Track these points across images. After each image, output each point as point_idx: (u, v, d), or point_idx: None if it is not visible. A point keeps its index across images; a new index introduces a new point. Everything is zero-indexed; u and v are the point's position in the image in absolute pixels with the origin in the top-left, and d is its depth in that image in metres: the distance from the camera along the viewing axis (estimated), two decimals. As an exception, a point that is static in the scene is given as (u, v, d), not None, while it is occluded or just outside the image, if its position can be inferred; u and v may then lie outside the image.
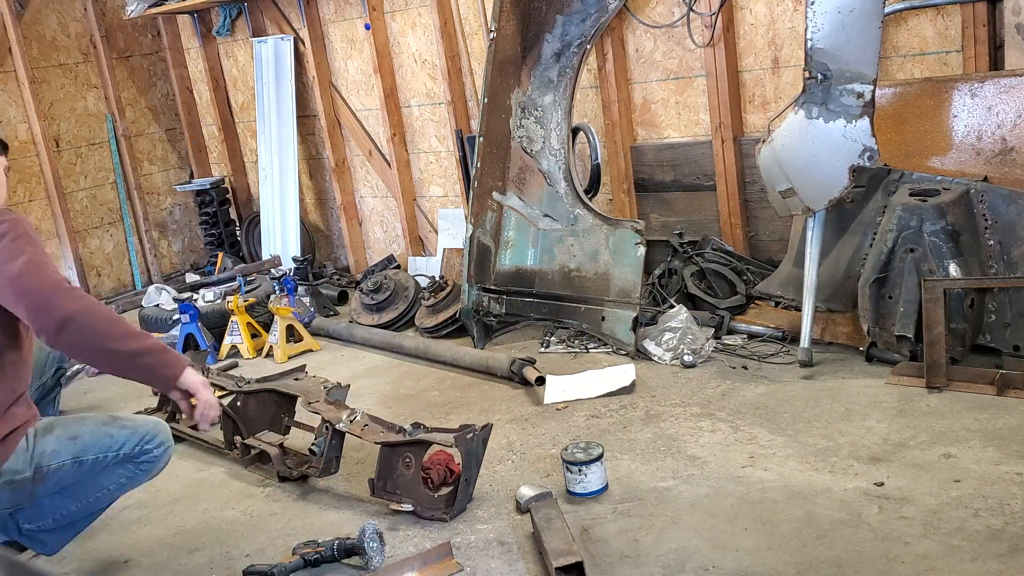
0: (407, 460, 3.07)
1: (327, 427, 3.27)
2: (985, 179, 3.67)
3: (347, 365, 4.80)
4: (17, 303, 2.56)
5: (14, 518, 2.82)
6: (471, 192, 4.61)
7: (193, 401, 2.74)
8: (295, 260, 6.03)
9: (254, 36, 6.43)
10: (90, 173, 6.75)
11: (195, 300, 5.42)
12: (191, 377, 2.69)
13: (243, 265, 6.13)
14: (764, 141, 3.81)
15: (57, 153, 6.50)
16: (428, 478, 3.11)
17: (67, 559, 3.11)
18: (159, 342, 2.71)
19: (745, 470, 3.06)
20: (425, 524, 3.00)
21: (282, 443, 3.52)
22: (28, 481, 2.70)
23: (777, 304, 4.34)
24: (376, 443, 3.13)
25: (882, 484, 2.84)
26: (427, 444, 3.06)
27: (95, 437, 2.78)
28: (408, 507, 3.06)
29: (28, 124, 6.35)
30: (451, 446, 2.98)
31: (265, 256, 6.47)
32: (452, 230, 5.76)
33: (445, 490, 3.11)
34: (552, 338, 4.60)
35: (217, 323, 5.25)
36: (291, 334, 5.07)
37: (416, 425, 3.11)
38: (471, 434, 2.95)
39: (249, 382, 3.79)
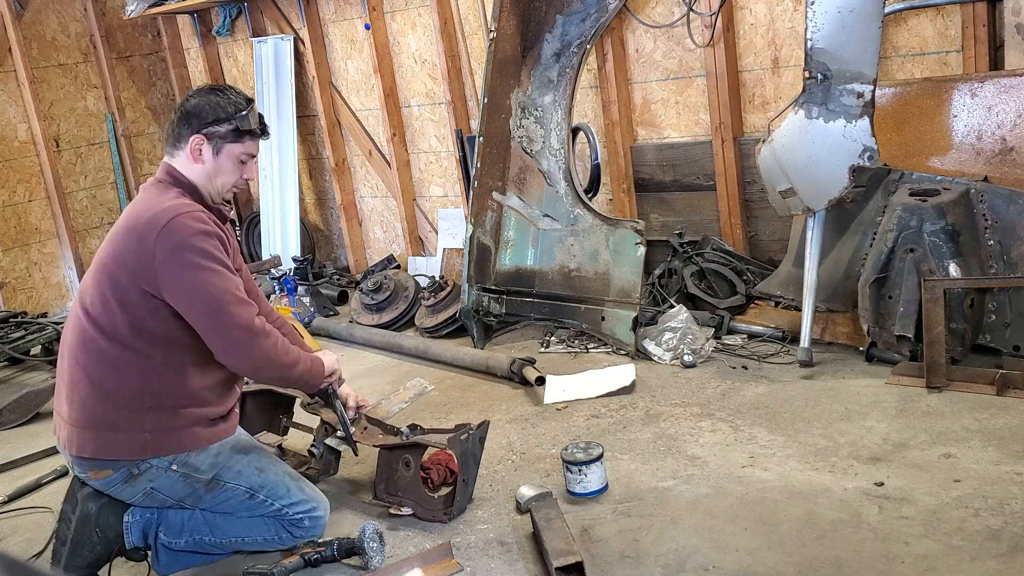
0: (406, 461, 3.07)
1: (325, 430, 3.27)
2: (985, 179, 3.67)
3: (347, 365, 4.78)
4: (212, 335, 2.71)
5: (157, 522, 2.87)
6: (471, 192, 4.61)
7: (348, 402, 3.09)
8: (295, 260, 6.02)
9: (254, 36, 6.43)
10: (90, 173, 6.75)
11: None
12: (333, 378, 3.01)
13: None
14: (764, 141, 3.81)
15: (57, 153, 6.50)
16: (428, 478, 3.11)
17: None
18: (308, 356, 2.92)
19: (745, 470, 3.06)
20: (425, 525, 3.00)
21: (280, 444, 3.51)
22: (203, 484, 2.81)
23: (777, 304, 4.34)
24: (374, 446, 3.13)
25: (882, 484, 2.84)
26: (424, 446, 3.06)
27: (277, 480, 2.89)
28: (407, 511, 3.06)
29: (28, 124, 6.35)
30: (444, 447, 2.98)
31: (265, 256, 6.47)
32: (452, 230, 5.76)
33: (445, 490, 3.11)
34: (552, 338, 4.60)
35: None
36: (291, 334, 5.06)
37: (413, 427, 3.11)
38: (465, 435, 2.94)
39: (248, 383, 3.78)
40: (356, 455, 3.22)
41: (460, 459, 2.96)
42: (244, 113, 2.88)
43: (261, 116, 2.97)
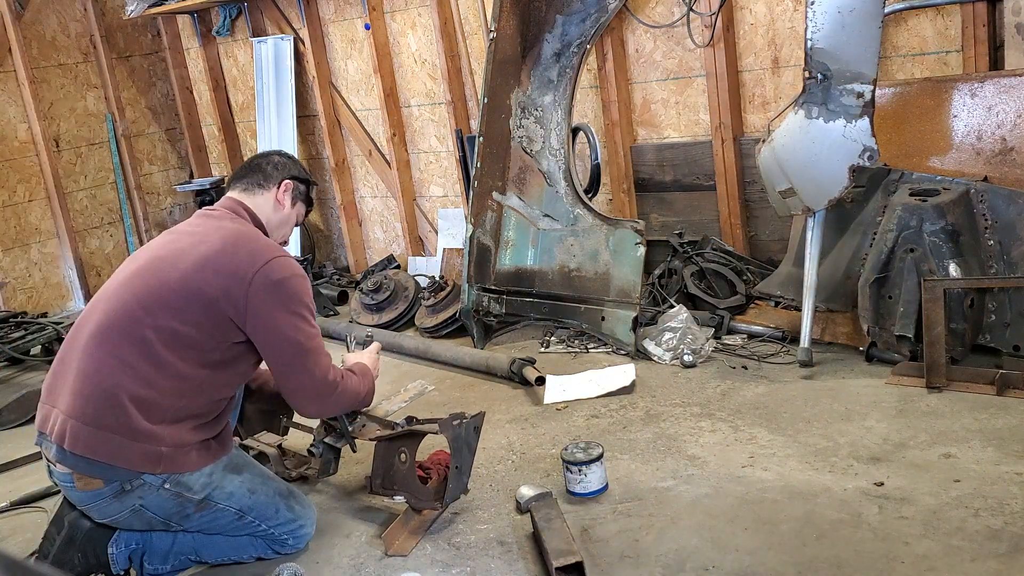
0: (402, 455, 3.07)
1: (325, 429, 3.27)
2: (985, 179, 3.67)
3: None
4: (290, 380, 2.84)
5: (142, 550, 2.86)
6: (471, 192, 4.61)
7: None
8: (295, 260, 6.02)
9: (254, 36, 6.43)
10: (90, 173, 6.75)
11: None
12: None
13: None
14: (764, 141, 3.81)
15: (57, 153, 6.50)
16: (428, 478, 3.11)
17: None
18: (364, 378, 3.06)
19: (745, 470, 3.06)
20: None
21: (280, 444, 3.51)
22: (193, 503, 2.77)
23: (777, 304, 4.34)
24: (370, 440, 3.13)
25: (882, 484, 2.84)
26: (419, 436, 3.06)
27: (267, 501, 2.88)
28: (400, 499, 3.06)
29: (28, 124, 6.35)
30: (437, 433, 2.97)
31: (265, 256, 6.45)
32: (452, 230, 5.76)
33: (445, 487, 3.11)
34: (552, 338, 4.60)
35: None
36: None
37: (409, 419, 3.12)
38: (458, 420, 2.93)
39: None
40: (354, 451, 3.24)
41: (452, 444, 2.92)
42: (314, 182, 3.23)
43: None
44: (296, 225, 3.17)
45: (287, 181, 3.06)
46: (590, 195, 4.67)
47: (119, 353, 2.67)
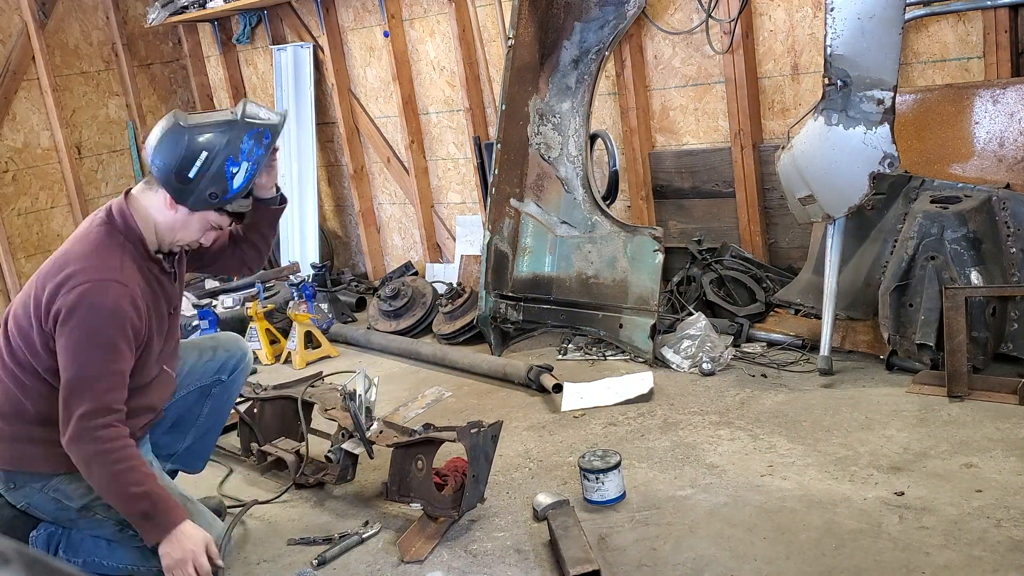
0: (419, 462, 3.07)
1: (342, 435, 3.28)
2: (1007, 186, 3.64)
3: (365, 371, 4.80)
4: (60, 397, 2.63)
5: (59, 538, 2.87)
6: (489, 199, 4.62)
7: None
8: (313, 266, 6.05)
9: (274, 44, 6.47)
10: (111, 180, 6.81)
11: (214, 306, 5.45)
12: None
13: (262, 271, 6.15)
14: (784, 148, 3.80)
15: (79, 160, 6.56)
16: (445, 484, 3.11)
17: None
18: (159, 496, 2.66)
19: (764, 479, 3.04)
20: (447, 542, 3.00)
21: (298, 451, 3.52)
22: (73, 511, 2.80)
23: (797, 312, 4.31)
24: (387, 446, 3.14)
25: (902, 494, 2.82)
26: (436, 443, 3.06)
27: (195, 364, 3.14)
28: (416, 506, 3.06)
29: (51, 131, 6.42)
30: (454, 441, 2.97)
31: (284, 262, 6.49)
32: (470, 237, 5.77)
33: (462, 495, 3.11)
34: (570, 345, 4.59)
35: (236, 329, 5.25)
36: (309, 340, 5.09)
37: (426, 426, 3.12)
38: (476, 429, 2.93)
39: (266, 388, 3.80)
40: (371, 457, 3.23)
41: (470, 453, 2.93)
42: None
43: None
44: (216, 231, 2.83)
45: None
46: (608, 202, 4.66)
47: None
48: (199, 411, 3.23)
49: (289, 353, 5.06)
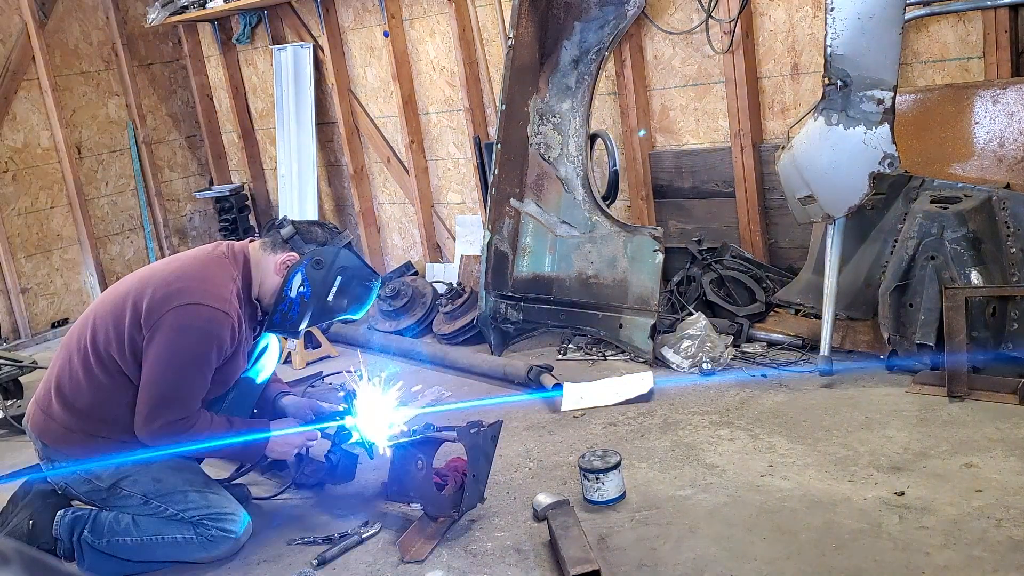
0: (419, 462, 3.07)
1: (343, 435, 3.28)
2: (1007, 186, 3.64)
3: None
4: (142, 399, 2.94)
5: (85, 521, 3.05)
6: (489, 199, 4.62)
7: None
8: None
9: (274, 44, 6.47)
10: (111, 180, 6.81)
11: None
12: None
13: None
14: (784, 148, 3.80)
15: (79, 160, 6.56)
16: (445, 485, 3.11)
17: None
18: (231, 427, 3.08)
19: (764, 479, 3.04)
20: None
21: (299, 452, 3.51)
22: (104, 490, 3.05)
23: (797, 312, 4.31)
24: (387, 446, 3.14)
25: (902, 494, 2.82)
26: (436, 443, 3.06)
27: (172, 491, 3.04)
28: (417, 506, 3.06)
29: (51, 131, 6.41)
30: (454, 441, 2.97)
31: (284, 262, 6.48)
32: (470, 237, 5.77)
33: (461, 495, 3.11)
34: (570, 345, 4.59)
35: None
36: (309, 340, 5.09)
37: (426, 426, 3.12)
38: (475, 428, 2.93)
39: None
40: (372, 458, 3.24)
41: (469, 452, 2.94)
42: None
43: None
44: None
45: (292, 254, 3.10)
46: (608, 202, 4.66)
47: (65, 351, 3.06)
48: (160, 528, 3.18)
49: (289, 353, 5.06)
